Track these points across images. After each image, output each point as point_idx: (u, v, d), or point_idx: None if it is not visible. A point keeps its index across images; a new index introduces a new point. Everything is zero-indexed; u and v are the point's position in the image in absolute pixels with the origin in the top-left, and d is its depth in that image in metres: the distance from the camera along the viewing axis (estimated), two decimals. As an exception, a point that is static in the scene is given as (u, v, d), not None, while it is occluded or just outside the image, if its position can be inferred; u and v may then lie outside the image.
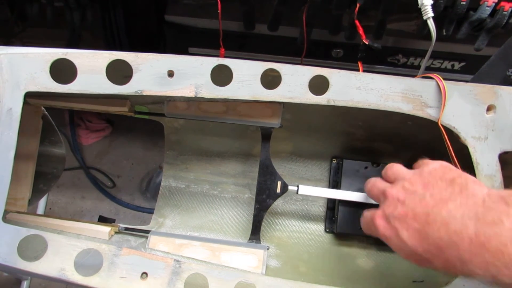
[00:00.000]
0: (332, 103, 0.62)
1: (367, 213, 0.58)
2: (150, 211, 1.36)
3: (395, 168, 0.59)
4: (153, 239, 0.69)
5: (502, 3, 0.84)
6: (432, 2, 0.75)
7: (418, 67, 1.21)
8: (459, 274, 0.47)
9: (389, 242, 0.53)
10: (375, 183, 0.60)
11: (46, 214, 1.49)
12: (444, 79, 0.63)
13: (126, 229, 0.72)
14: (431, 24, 0.75)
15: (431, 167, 0.54)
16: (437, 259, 0.48)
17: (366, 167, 0.77)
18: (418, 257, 0.50)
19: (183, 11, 1.16)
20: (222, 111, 0.70)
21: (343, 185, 0.77)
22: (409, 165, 0.68)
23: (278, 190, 0.70)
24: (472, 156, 0.62)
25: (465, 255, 0.44)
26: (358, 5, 0.85)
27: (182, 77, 0.62)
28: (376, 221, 0.54)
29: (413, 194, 0.52)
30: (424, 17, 0.76)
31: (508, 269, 0.41)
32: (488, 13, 0.85)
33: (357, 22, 0.85)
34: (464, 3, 0.84)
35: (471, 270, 0.44)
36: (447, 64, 1.20)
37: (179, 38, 1.22)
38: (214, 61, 0.62)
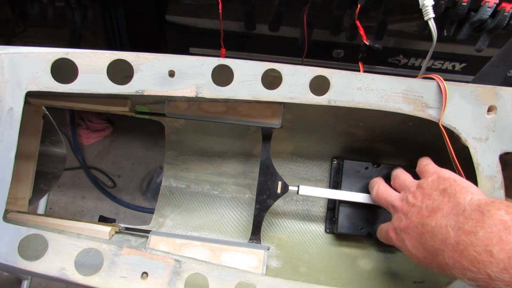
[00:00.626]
0: (333, 104, 0.62)
1: (384, 226, 0.65)
2: (151, 211, 1.36)
3: (402, 179, 0.65)
4: (153, 239, 0.69)
5: (503, 4, 0.84)
6: (433, 3, 0.75)
7: (419, 68, 1.21)
8: (452, 277, 0.51)
9: (402, 251, 0.59)
10: (381, 192, 0.66)
11: (46, 214, 1.49)
12: (445, 80, 0.63)
13: (127, 229, 0.72)
14: (432, 25, 0.75)
15: (430, 179, 0.58)
16: (433, 264, 0.53)
17: (366, 168, 0.77)
18: (422, 263, 0.55)
19: (184, 11, 1.16)
20: (222, 111, 0.70)
21: (343, 186, 0.77)
22: (410, 165, 0.69)
23: (279, 191, 0.70)
24: (473, 157, 0.62)
25: (449, 261, 0.49)
26: (359, 5, 0.85)
27: (183, 77, 0.62)
28: (389, 233, 0.62)
29: (413, 206, 0.57)
30: (425, 18, 0.76)
31: (482, 275, 0.45)
32: (489, 14, 0.85)
33: (358, 23, 0.85)
34: (465, 4, 0.84)
35: (455, 274, 0.49)
36: (448, 65, 1.20)
37: (180, 38, 1.23)
38: (215, 61, 0.62)
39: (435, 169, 0.60)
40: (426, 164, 0.63)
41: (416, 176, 0.64)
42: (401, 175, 0.66)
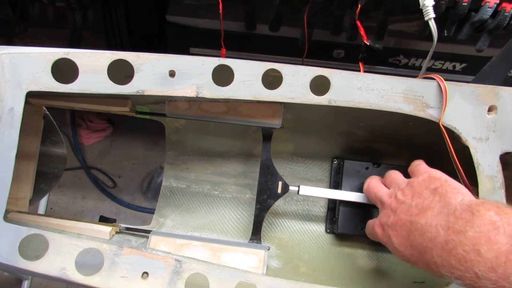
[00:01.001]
0: (333, 104, 0.62)
1: (371, 222, 0.65)
2: (151, 211, 1.36)
3: (393, 177, 0.65)
4: (154, 239, 0.69)
5: (504, 4, 0.84)
6: (433, 3, 0.75)
7: (419, 68, 1.21)
8: (437, 276, 0.51)
9: (387, 246, 0.60)
10: (372, 187, 0.67)
11: (47, 214, 1.48)
12: (446, 80, 0.63)
13: (127, 229, 0.72)
14: (432, 25, 0.75)
15: (421, 178, 0.59)
16: (420, 262, 0.54)
17: (367, 168, 0.77)
18: (408, 260, 0.56)
19: (185, 11, 1.16)
20: (223, 111, 0.70)
21: (344, 186, 0.77)
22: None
23: (279, 191, 0.70)
24: (473, 157, 0.62)
25: (438, 260, 0.49)
26: (359, 5, 0.85)
27: (184, 77, 0.62)
28: (375, 229, 0.62)
29: (403, 203, 0.57)
30: (426, 18, 0.76)
31: (469, 274, 0.46)
32: (490, 14, 0.85)
33: (358, 23, 0.85)
34: (465, 4, 0.84)
35: (442, 273, 0.49)
36: (448, 65, 1.20)
37: (180, 38, 1.22)
38: (215, 61, 0.62)
39: (426, 169, 0.61)
40: (418, 164, 0.63)
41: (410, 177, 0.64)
42: (392, 173, 0.66)
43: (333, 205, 0.81)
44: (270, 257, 0.76)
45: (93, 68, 0.60)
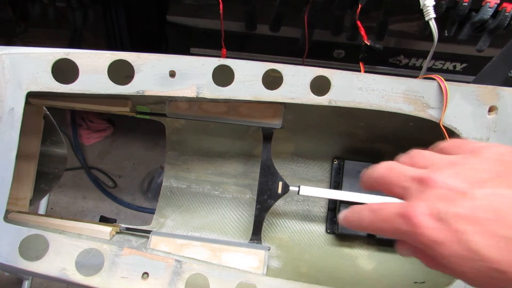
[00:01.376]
0: (333, 104, 0.62)
1: (384, 206, 0.36)
2: (151, 211, 1.36)
3: (428, 153, 0.40)
4: (154, 239, 0.69)
5: (504, 4, 0.84)
6: (434, 3, 0.75)
7: (419, 68, 1.21)
8: None
9: (442, 248, 0.32)
10: (396, 166, 0.39)
11: (47, 214, 1.49)
12: (446, 80, 0.63)
13: (127, 229, 0.72)
14: (433, 25, 0.74)
15: (495, 150, 0.36)
16: None
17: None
18: (497, 274, 0.31)
19: (185, 11, 1.16)
20: (223, 112, 0.70)
21: (344, 186, 0.77)
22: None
23: (279, 191, 0.70)
24: (474, 157, 0.62)
25: None
26: (360, 6, 0.85)
27: (184, 77, 0.62)
28: (417, 218, 0.33)
29: (484, 184, 0.33)
30: (426, 18, 0.76)
31: None
32: (490, 14, 0.85)
33: (358, 23, 0.85)
34: (466, 4, 0.84)
35: None
36: (449, 65, 1.20)
37: (181, 38, 1.23)
38: (215, 62, 0.62)
39: (492, 144, 0.38)
40: (473, 142, 0.40)
41: None
42: (420, 151, 0.41)
43: (333, 205, 0.81)
44: (271, 257, 0.76)
45: (93, 68, 0.60)
